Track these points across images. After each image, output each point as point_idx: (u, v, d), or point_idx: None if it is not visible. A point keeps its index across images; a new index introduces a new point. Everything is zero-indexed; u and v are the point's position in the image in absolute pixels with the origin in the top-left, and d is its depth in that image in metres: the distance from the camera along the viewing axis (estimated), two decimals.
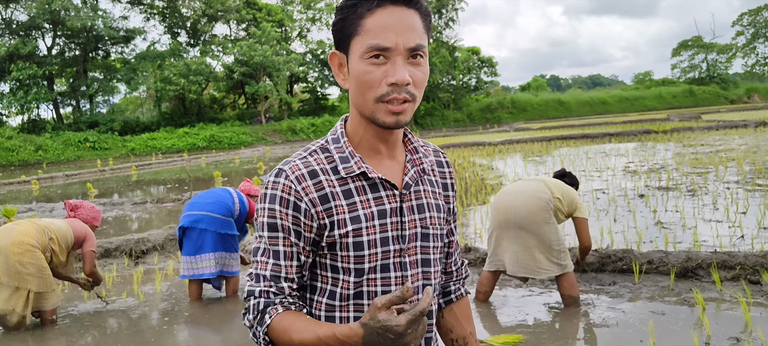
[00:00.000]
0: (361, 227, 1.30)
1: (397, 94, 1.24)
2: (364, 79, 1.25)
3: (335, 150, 1.34)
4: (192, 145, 40.04)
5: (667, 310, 4.14)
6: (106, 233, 9.25)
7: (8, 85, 42.89)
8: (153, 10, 50.12)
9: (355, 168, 1.31)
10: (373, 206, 1.32)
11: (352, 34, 1.26)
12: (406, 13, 1.25)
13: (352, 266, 1.31)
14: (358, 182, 1.32)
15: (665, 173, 10.83)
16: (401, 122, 1.26)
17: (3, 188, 20.74)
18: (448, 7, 50.29)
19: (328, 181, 1.30)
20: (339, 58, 1.33)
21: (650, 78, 79.22)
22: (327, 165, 1.32)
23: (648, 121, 31.01)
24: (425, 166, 1.41)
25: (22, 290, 4.61)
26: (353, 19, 1.26)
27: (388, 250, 1.32)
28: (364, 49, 1.24)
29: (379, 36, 1.22)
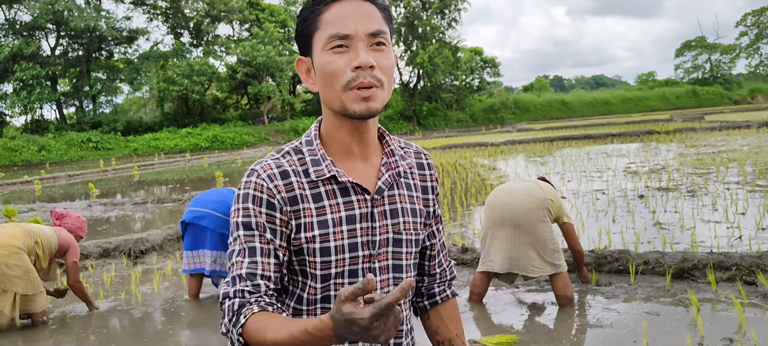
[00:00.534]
0: (328, 233, 1.29)
1: (363, 79, 1.24)
2: (329, 70, 1.26)
3: (308, 152, 1.33)
4: (195, 145, 40.12)
5: (662, 311, 4.13)
6: (106, 233, 9.27)
7: (12, 85, 43.10)
8: (156, 10, 50.28)
9: (326, 171, 1.30)
10: (343, 211, 1.31)
11: (312, 33, 1.29)
12: (362, 4, 1.27)
13: (319, 272, 1.31)
14: (328, 185, 1.31)
15: (666, 174, 10.82)
16: (372, 109, 1.26)
17: (6, 188, 20.81)
18: (451, 8, 50.28)
19: (299, 183, 1.30)
20: (305, 63, 1.34)
21: (654, 78, 79.13)
22: (299, 167, 1.32)
23: (651, 122, 30.97)
24: (401, 169, 1.39)
25: (9, 292, 4.61)
26: (312, 19, 1.29)
27: (356, 256, 1.32)
28: (325, 40, 1.26)
29: (337, 25, 1.24)
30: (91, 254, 7.09)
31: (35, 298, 4.79)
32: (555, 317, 4.27)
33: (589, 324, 4.03)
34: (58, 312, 5.30)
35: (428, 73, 48.70)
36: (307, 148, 1.34)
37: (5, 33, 44.54)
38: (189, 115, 47.31)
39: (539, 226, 4.31)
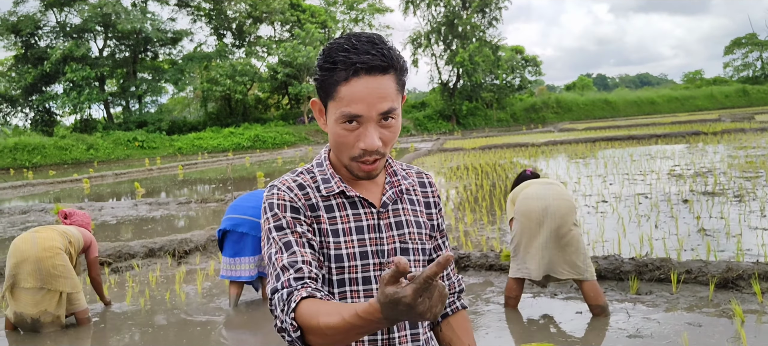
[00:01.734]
0: (340, 241, 1.42)
1: (368, 157, 1.37)
2: (339, 142, 1.38)
3: (318, 172, 1.49)
4: (237, 144, 40.73)
5: (704, 322, 4.06)
6: (151, 233, 9.51)
7: (62, 86, 44.41)
8: (200, 12, 51.21)
9: (335, 187, 1.45)
10: (352, 222, 1.45)
11: (328, 96, 1.37)
12: (380, 81, 1.33)
13: (335, 278, 1.42)
14: (338, 199, 1.46)
15: (712, 177, 10.57)
16: (372, 176, 1.42)
17: (56, 186, 21.48)
18: (492, 6, 49.90)
19: (314, 195, 1.45)
20: (319, 106, 1.45)
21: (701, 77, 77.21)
22: (312, 183, 1.47)
23: (698, 122, 30.21)
24: (403, 186, 1.53)
25: (55, 292, 4.80)
26: (331, 83, 1.35)
27: (367, 263, 1.44)
28: (338, 115, 1.35)
29: (352, 106, 1.33)
30: (137, 254, 7.29)
31: (77, 296, 4.98)
32: (593, 326, 4.23)
33: (629, 334, 3.98)
34: (105, 312, 5.48)
35: (468, 72, 48.43)
36: (317, 169, 1.50)
37: (56, 36, 45.97)
38: (231, 115, 48.04)
39: (574, 229, 4.33)
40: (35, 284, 4.74)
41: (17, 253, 4.76)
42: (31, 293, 4.76)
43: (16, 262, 4.74)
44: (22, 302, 4.78)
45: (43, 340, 4.75)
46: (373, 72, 1.32)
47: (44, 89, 45.92)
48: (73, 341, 4.78)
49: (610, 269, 5.11)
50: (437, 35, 50.29)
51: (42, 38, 46.18)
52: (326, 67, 1.35)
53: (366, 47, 1.33)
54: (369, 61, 1.31)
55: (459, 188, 11.96)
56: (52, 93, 45.83)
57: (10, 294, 4.81)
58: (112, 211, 12.45)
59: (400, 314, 1.06)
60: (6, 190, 20.73)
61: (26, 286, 4.75)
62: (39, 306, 4.78)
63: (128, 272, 6.95)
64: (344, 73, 1.33)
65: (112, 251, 7.19)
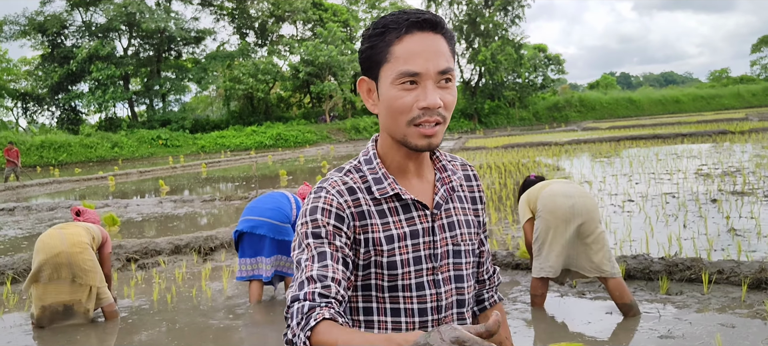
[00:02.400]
0: (395, 247, 1.34)
1: (428, 117, 1.28)
2: (396, 105, 1.29)
3: (368, 171, 1.39)
4: (259, 143, 40.97)
5: (737, 323, 3.98)
6: (176, 230, 9.59)
7: (88, 84, 45.01)
8: (222, 11, 51.55)
9: (389, 189, 1.36)
10: (406, 227, 1.36)
11: (381, 62, 1.30)
12: (433, 38, 1.28)
13: (386, 284, 1.35)
14: (391, 203, 1.37)
15: (741, 177, 10.39)
16: (433, 145, 1.30)
17: (82, 184, 21.77)
18: (514, 5, 49.63)
19: (365, 199, 1.35)
20: (368, 84, 1.37)
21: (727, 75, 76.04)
22: (361, 184, 1.37)
23: (724, 121, 29.75)
24: (454, 184, 1.45)
25: (85, 286, 4.91)
26: (382, 47, 1.30)
27: (421, 269, 1.36)
28: (395, 75, 1.28)
29: (409, 62, 1.26)
30: (163, 251, 7.35)
31: (104, 291, 5.07)
32: (622, 326, 4.17)
33: (660, 334, 3.92)
34: (132, 306, 5.53)
35: (490, 71, 48.23)
36: (367, 167, 1.40)
37: (82, 35, 46.61)
38: (254, 114, 48.33)
39: (600, 226, 4.32)
40: (67, 277, 4.83)
41: (46, 249, 4.83)
42: (64, 284, 4.86)
43: (46, 257, 4.80)
44: (52, 294, 4.86)
45: (72, 334, 4.81)
46: (426, 28, 1.28)
47: (70, 88, 46.58)
48: (102, 335, 4.83)
49: (640, 268, 5.04)
50: (459, 33, 50.13)
51: (68, 38, 46.85)
52: (376, 33, 1.31)
53: (414, 9, 1.31)
54: (421, 15, 1.28)
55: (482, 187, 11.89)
56: (78, 92, 46.48)
57: (36, 291, 4.88)
58: (137, 208, 12.58)
59: None
60: (33, 187, 21.06)
61: (58, 278, 4.83)
62: (71, 295, 4.88)
63: (154, 268, 7.02)
64: (396, 32, 1.28)
65: (138, 248, 7.26)
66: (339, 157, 26.65)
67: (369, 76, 1.35)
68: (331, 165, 21.66)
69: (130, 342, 4.61)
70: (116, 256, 7.09)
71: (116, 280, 6.56)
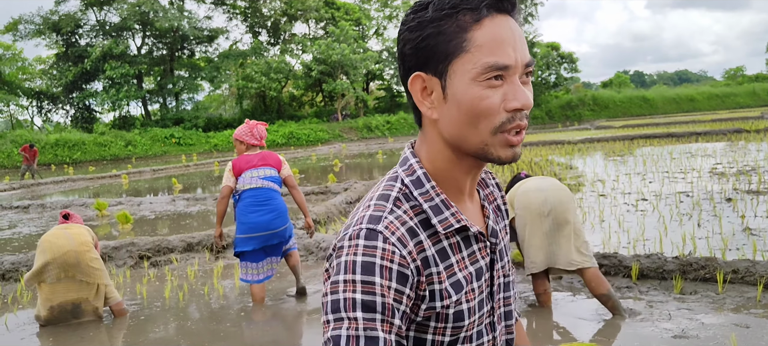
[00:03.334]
0: (462, 296, 1.07)
1: (519, 122, 1.02)
2: (481, 107, 1.00)
3: (421, 197, 1.07)
4: (272, 141, 41.06)
5: (753, 323, 3.93)
6: (188, 228, 9.63)
7: (101, 83, 45.38)
8: (235, 10, 51.75)
9: (454, 222, 1.06)
10: (470, 266, 1.09)
11: (453, 52, 1.01)
12: (512, 21, 1.03)
13: (447, 339, 1.07)
14: (452, 238, 1.08)
15: (756, 176, 10.28)
16: (517, 156, 1.04)
17: (96, 182, 21.94)
18: (527, 3, 49.46)
19: (426, 240, 1.04)
20: (426, 81, 1.05)
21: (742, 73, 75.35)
22: (416, 218, 1.05)
23: (739, 120, 29.46)
24: (500, 202, 1.22)
25: (93, 284, 4.97)
26: (453, 33, 1.00)
27: (483, 313, 1.12)
28: (480, 69, 0.99)
29: (497, 52, 0.99)
30: (175, 248, 7.38)
31: (111, 289, 5.11)
32: (635, 325, 4.14)
33: (674, 334, 3.88)
34: (140, 302, 5.55)
35: None
36: (418, 192, 1.07)
37: (96, 34, 46.98)
38: (266, 112, 48.49)
39: (575, 216, 4.38)
40: (75, 276, 4.88)
41: (54, 248, 4.85)
42: (72, 283, 4.91)
43: (54, 256, 4.82)
44: (61, 293, 4.90)
45: (84, 332, 4.84)
46: (506, 9, 1.02)
47: (84, 87, 46.96)
48: (114, 332, 4.86)
49: (653, 267, 5.00)
50: None
51: (82, 37, 47.23)
52: (444, 15, 1.00)
53: None
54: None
55: None
56: (92, 90, 46.88)
57: (43, 292, 4.91)
58: (150, 206, 12.65)
59: None
60: (48, 185, 21.25)
61: (65, 278, 4.86)
62: (79, 293, 4.95)
63: (167, 266, 7.05)
64: (474, 13, 0.99)
65: (151, 245, 7.29)
66: (351, 156, 26.67)
67: (428, 72, 1.04)
68: (343, 164, 21.67)
69: (142, 340, 4.64)
70: (129, 253, 7.13)
71: (129, 277, 6.60)
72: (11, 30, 44.52)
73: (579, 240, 4.34)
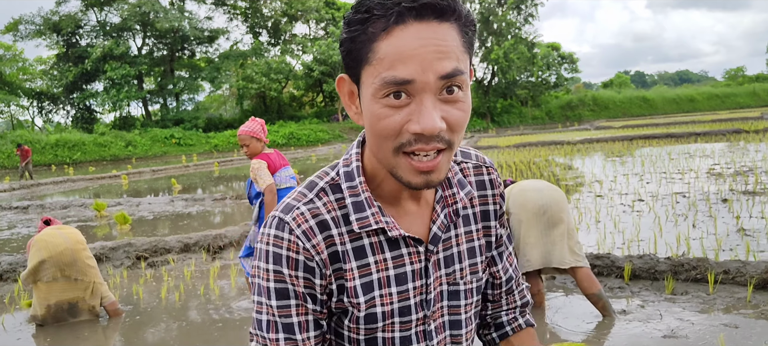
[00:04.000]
0: (374, 297, 1.03)
1: (424, 145, 0.91)
2: (379, 127, 0.93)
3: (348, 191, 1.03)
4: (272, 142, 41.11)
5: (742, 323, 3.96)
6: (187, 228, 9.66)
7: (102, 84, 45.47)
8: (236, 10, 51.83)
9: (372, 222, 1.01)
10: (391, 269, 1.04)
11: (361, 61, 0.94)
12: (436, 29, 0.90)
13: (362, 337, 1.06)
14: (374, 237, 1.03)
15: (753, 177, 10.30)
16: (432, 182, 0.95)
17: (96, 182, 21.98)
18: (528, 3, 49.47)
19: (340, 235, 1.02)
20: (349, 85, 1.00)
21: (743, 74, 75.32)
22: (338, 211, 1.03)
23: (739, 120, 29.46)
24: (459, 206, 1.10)
25: (88, 282, 5.02)
26: (363, 42, 0.93)
27: (409, 320, 1.06)
28: (378, 84, 0.91)
29: (397, 66, 0.89)
30: (173, 249, 7.42)
31: (105, 289, 5.17)
32: (625, 325, 4.17)
33: (664, 334, 3.91)
34: (136, 302, 5.59)
35: (503, 70, 48.11)
36: (347, 184, 1.04)
37: (96, 34, 47.07)
38: (267, 113, 48.54)
39: (569, 216, 4.44)
40: (70, 275, 4.92)
41: (50, 247, 4.89)
42: (68, 282, 4.96)
43: (51, 255, 4.86)
44: (57, 292, 4.94)
45: (80, 331, 4.87)
46: (426, 16, 0.89)
47: (85, 87, 47.06)
48: (110, 333, 4.89)
49: (645, 268, 5.03)
50: None
51: (83, 37, 47.34)
52: (357, 19, 0.92)
53: None
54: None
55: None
56: (92, 91, 46.97)
57: (38, 292, 4.95)
58: (149, 206, 12.69)
59: None
60: (48, 186, 21.29)
61: (61, 277, 4.91)
62: (75, 292, 4.97)
63: (164, 266, 7.08)
64: (383, 21, 0.90)
65: (148, 246, 7.33)
66: None
67: (351, 76, 0.98)
68: None
69: (138, 340, 4.67)
70: (126, 254, 7.17)
71: (126, 278, 6.64)
72: (12, 30, 44.65)
73: (572, 240, 4.38)
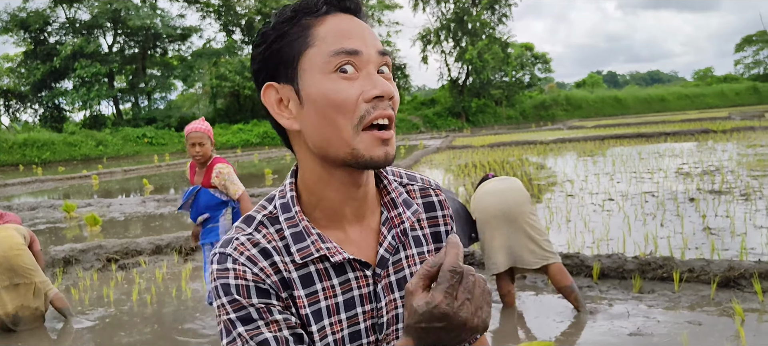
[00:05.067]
0: (325, 325, 1.01)
1: (382, 110, 0.96)
2: (337, 101, 0.95)
3: (286, 222, 1.02)
4: (246, 141, 40.90)
5: (705, 320, 4.07)
6: (159, 230, 9.58)
7: (72, 82, 44.74)
8: (209, 8, 51.33)
9: (313, 250, 1.00)
10: (339, 295, 1.02)
11: (299, 51, 0.98)
12: (358, 20, 1.01)
13: None
14: (318, 263, 1.02)
15: (719, 176, 10.53)
16: (390, 156, 0.97)
17: (65, 182, 21.64)
18: (501, 3, 49.79)
19: (284, 263, 1.00)
20: (278, 91, 1.01)
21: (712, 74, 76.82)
22: (279, 242, 1.01)
23: (708, 120, 30.04)
24: (406, 225, 1.08)
25: (30, 284, 4.89)
26: (296, 33, 0.98)
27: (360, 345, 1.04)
28: (326, 57, 0.95)
29: (342, 41, 0.96)
30: (144, 251, 7.35)
31: (46, 284, 5.04)
32: (593, 323, 4.25)
33: (630, 332, 4.00)
34: (107, 305, 5.54)
35: (477, 70, 48.37)
36: (284, 215, 1.02)
37: (66, 32, 46.29)
38: (241, 112, 48.18)
39: (531, 217, 4.46)
40: (9, 282, 4.82)
41: None
42: (7, 291, 4.83)
43: None
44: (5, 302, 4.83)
45: (50, 333, 4.82)
46: (348, 10, 1.01)
47: (54, 85, 46.25)
48: (82, 334, 4.84)
49: (613, 267, 5.13)
50: (447, 32, 50.27)
51: (51, 34, 46.49)
52: (284, 20, 0.99)
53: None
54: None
55: (467, 186, 11.97)
56: (62, 89, 46.18)
57: None
58: (120, 207, 12.55)
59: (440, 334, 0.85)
60: (15, 186, 20.91)
61: (11, 285, 4.81)
62: (15, 302, 4.86)
63: (135, 268, 7.02)
64: (313, 14, 0.98)
65: (119, 248, 7.26)
66: None
67: (279, 80, 1.00)
68: None
69: (110, 343, 4.63)
70: (96, 256, 7.09)
71: (96, 280, 6.56)
72: None
73: (540, 238, 4.42)
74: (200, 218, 4.53)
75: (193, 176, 4.64)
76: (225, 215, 4.56)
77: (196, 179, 4.59)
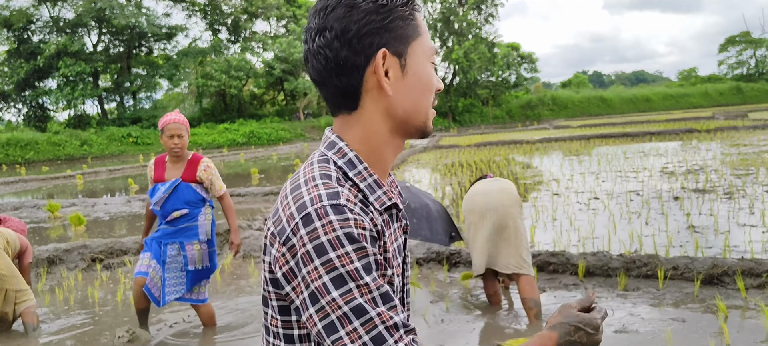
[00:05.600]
0: (393, 271, 1.09)
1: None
2: (430, 84, 1.15)
3: (356, 178, 1.09)
4: (232, 141, 40.72)
5: (689, 317, 4.10)
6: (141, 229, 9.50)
7: (56, 81, 44.30)
8: (195, 7, 51.08)
9: (386, 199, 1.11)
10: (398, 240, 1.16)
11: (413, 36, 1.12)
12: None
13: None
14: (383, 214, 1.11)
15: (703, 175, 10.63)
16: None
17: (49, 182, 21.44)
18: (488, 3, 49.96)
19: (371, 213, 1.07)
20: (392, 58, 1.11)
21: (696, 74, 77.46)
22: (359, 194, 1.09)
23: (692, 120, 30.32)
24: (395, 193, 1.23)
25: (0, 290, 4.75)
26: (410, 20, 1.12)
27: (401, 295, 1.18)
28: (429, 51, 1.16)
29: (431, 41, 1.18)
30: (129, 250, 7.29)
31: (25, 294, 4.88)
32: None
33: (615, 329, 4.02)
34: (92, 305, 5.49)
35: (464, 69, 48.50)
36: (353, 172, 1.10)
37: (50, 30, 45.83)
38: (226, 111, 47.99)
39: (518, 221, 4.39)
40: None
41: None
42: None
43: None
44: None
45: (25, 336, 4.76)
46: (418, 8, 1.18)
47: (37, 84, 45.77)
48: (63, 337, 4.79)
49: (599, 265, 5.15)
50: (433, 32, 50.33)
51: (35, 33, 46.03)
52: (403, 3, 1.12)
53: None
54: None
55: (454, 185, 11.99)
56: (46, 88, 45.73)
57: None
58: (105, 207, 12.45)
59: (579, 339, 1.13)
60: None
61: None
62: None
63: (120, 268, 6.96)
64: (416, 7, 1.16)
65: (104, 248, 7.20)
66: None
67: (390, 50, 1.10)
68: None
69: (94, 343, 4.59)
70: (81, 256, 7.02)
71: (80, 280, 6.51)
72: None
73: (521, 246, 4.34)
74: (175, 213, 4.30)
75: (161, 172, 4.40)
76: (204, 213, 4.43)
77: (170, 173, 4.38)
